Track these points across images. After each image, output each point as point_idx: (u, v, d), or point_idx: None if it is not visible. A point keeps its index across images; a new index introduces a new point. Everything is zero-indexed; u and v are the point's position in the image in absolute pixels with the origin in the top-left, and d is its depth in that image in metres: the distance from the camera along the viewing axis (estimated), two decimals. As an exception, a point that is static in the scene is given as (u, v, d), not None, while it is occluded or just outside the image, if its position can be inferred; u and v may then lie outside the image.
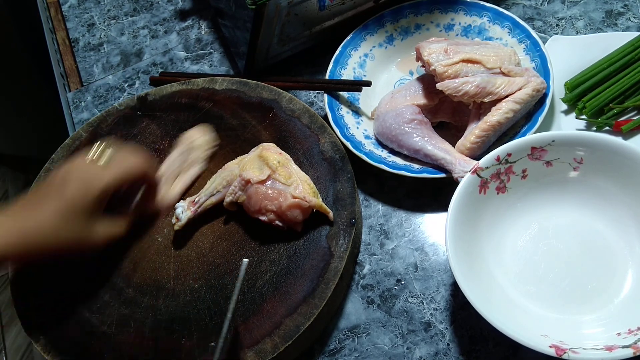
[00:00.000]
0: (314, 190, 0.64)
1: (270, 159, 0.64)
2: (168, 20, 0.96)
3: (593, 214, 0.62)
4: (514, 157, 0.62)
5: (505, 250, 0.62)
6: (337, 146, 0.70)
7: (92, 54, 0.94)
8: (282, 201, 0.62)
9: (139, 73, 0.90)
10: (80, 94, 0.90)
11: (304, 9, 0.75)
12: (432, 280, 0.66)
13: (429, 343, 0.62)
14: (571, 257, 0.61)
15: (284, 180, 0.63)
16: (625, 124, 0.68)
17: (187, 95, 0.79)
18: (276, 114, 0.74)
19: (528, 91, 0.66)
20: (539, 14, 0.83)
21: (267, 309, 0.61)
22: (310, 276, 0.62)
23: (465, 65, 0.67)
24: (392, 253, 0.68)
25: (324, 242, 0.64)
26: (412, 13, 0.80)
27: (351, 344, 0.63)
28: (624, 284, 0.59)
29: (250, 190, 0.63)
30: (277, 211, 0.62)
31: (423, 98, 0.71)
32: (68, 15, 1.00)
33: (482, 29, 0.77)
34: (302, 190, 0.63)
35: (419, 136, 0.68)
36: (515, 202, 0.63)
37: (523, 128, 0.68)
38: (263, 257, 0.65)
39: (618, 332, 0.53)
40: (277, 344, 0.59)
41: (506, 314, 0.55)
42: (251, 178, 0.63)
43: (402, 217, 0.70)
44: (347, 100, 0.76)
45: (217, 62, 0.89)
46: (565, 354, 0.51)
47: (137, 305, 0.64)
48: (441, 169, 0.67)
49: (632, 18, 0.80)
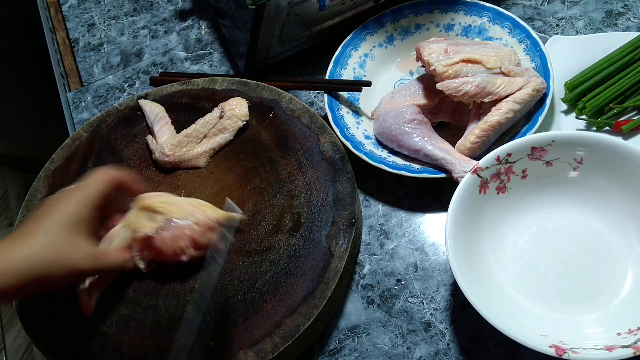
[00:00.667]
0: (209, 206, 0.63)
1: (155, 205, 0.62)
2: (168, 20, 0.96)
3: (593, 214, 0.62)
4: (514, 157, 0.62)
5: (505, 250, 0.62)
6: (337, 146, 0.70)
7: (92, 54, 0.94)
8: (192, 233, 0.61)
9: (139, 73, 0.90)
10: (80, 94, 0.90)
11: (304, 9, 0.75)
12: (432, 280, 0.66)
13: (429, 343, 0.62)
14: (571, 257, 0.61)
15: (179, 216, 0.61)
16: (625, 124, 0.68)
17: (187, 96, 0.79)
18: (276, 114, 0.74)
19: (528, 91, 0.66)
20: (539, 14, 0.83)
21: (267, 309, 0.61)
22: (310, 276, 0.62)
23: (465, 65, 0.67)
24: (392, 253, 0.68)
25: (324, 242, 0.64)
26: (412, 13, 0.80)
27: (351, 344, 0.63)
28: (624, 284, 0.59)
29: (156, 243, 0.61)
30: (193, 245, 0.61)
31: (423, 98, 0.71)
32: (68, 15, 1.00)
33: (482, 29, 0.77)
34: (202, 213, 0.62)
35: (419, 136, 0.68)
36: (515, 202, 0.63)
37: (523, 128, 0.68)
38: (263, 257, 0.65)
39: (618, 332, 0.54)
40: (277, 344, 0.59)
41: (506, 314, 0.55)
42: (149, 232, 0.61)
43: (402, 217, 0.70)
44: (347, 100, 0.76)
45: (217, 62, 0.89)
46: (565, 354, 0.51)
47: (137, 305, 0.64)
48: (441, 169, 0.67)
49: (632, 18, 0.80)
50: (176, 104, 0.78)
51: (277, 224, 0.66)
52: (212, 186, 0.71)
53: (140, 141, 0.77)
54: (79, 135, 0.78)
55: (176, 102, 0.79)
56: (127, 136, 0.77)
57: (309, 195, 0.67)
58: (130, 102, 0.80)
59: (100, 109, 0.88)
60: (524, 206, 0.64)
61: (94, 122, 0.79)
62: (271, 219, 0.67)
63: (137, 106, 0.79)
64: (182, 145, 0.73)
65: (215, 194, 0.71)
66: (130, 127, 0.78)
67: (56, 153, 0.77)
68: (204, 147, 0.73)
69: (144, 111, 0.77)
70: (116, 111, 0.79)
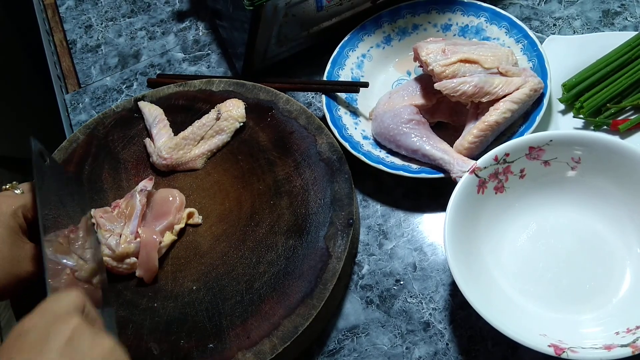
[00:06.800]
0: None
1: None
2: (165, 21, 0.96)
3: (591, 214, 0.62)
4: (512, 157, 0.62)
5: (503, 250, 0.62)
6: (334, 147, 0.70)
7: (90, 55, 0.94)
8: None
9: (136, 74, 0.90)
10: (78, 95, 0.90)
11: (301, 9, 0.75)
12: (431, 280, 0.66)
13: (428, 343, 0.62)
14: (570, 257, 0.61)
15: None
16: (622, 124, 0.68)
17: (184, 97, 0.79)
18: (273, 115, 0.74)
19: (526, 91, 0.66)
20: (536, 14, 0.83)
21: (266, 310, 0.61)
22: (308, 277, 0.62)
23: (463, 65, 0.67)
24: (391, 253, 0.68)
25: (322, 242, 0.64)
26: (410, 13, 0.80)
27: (350, 344, 0.63)
28: (622, 283, 0.59)
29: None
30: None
31: (421, 98, 0.71)
32: (65, 17, 1.00)
33: (479, 29, 0.77)
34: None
35: (417, 136, 0.68)
36: (514, 201, 0.63)
37: (521, 128, 0.68)
38: (261, 258, 0.65)
39: (617, 331, 0.53)
40: (276, 345, 0.59)
41: (505, 314, 0.55)
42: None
43: (401, 217, 0.70)
44: (345, 101, 0.76)
45: (214, 64, 0.89)
46: (564, 353, 0.51)
47: (135, 307, 0.64)
48: (439, 169, 0.67)
49: (629, 17, 0.80)
50: (173, 105, 0.78)
51: (275, 225, 0.66)
52: (209, 188, 0.71)
53: (137, 143, 0.76)
54: (76, 137, 0.78)
55: (173, 104, 0.78)
56: (124, 138, 0.77)
57: (306, 196, 0.67)
58: (127, 104, 0.80)
59: (98, 110, 0.87)
60: (522, 206, 0.64)
61: (90, 124, 0.79)
62: (269, 221, 0.67)
63: (134, 108, 0.79)
64: (180, 148, 0.72)
65: (213, 195, 0.71)
66: (127, 129, 0.78)
67: (53, 155, 0.77)
68: (201, 149, 0.73)
69: (142, 113, 0.77)
70: (113, 113, 0.79)
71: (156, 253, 0.65)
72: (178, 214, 0.67)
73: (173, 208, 0.67)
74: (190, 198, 0.71)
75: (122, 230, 0.65)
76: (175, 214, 0.67)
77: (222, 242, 0.67)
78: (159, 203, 0.68)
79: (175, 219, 0.67)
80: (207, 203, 0.70)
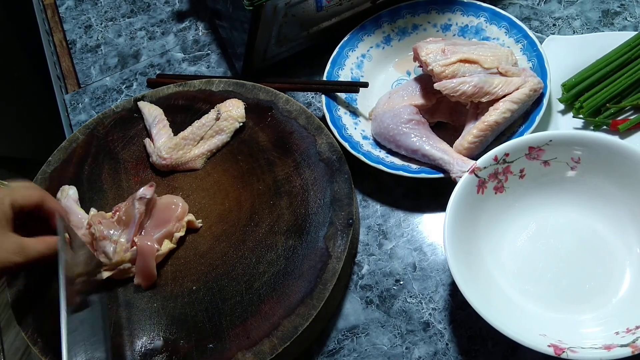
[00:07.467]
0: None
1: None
2: (165, 21, 0.96)
3: (591, 213, 0.62)
4: (512, 157, 0.62)
5: (503, 250, 0.62)
6: (334, 147, 0.70)
7: (90, 55, 0.94)
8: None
9: (136, 75, 0.90)
10: (77, 95, 0.90)
11: (301, 9, 0.75)
12: (431, 280, 0.66)
13: (428, 343, 0.62)
14: (569, 257, 0.61)
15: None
16: (622, 124, 0.68)
17: (184, 97, 0.79)
18: (273, 115, 0.74)
19: (525, 91, 0.66)
20: (535, 14, 0.83)
21: (265, 310, 0.61)
22: (308, 277, 0.62)
23: (463, 65, 0.67)
24: (391, 253, 0.68)
25: (322, 243, 0.64)
26: (410, 13, 0.80)
27: (350, 345, 0.63)
28: (622, 283, 0.59)
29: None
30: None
31: (421, 98, 0.71)
32: (65, 17, 1.00)
33: (479, 29, 0.77)
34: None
35: (416, 136, 0.68)
36: (513, 201, 0.63)
37: (520, 128, 0.68)
38: (261, 259, 0.65)
39: (616, 331, 0.53)
40: (276, 345, 0.59)
41: (505, 314, 0.55)
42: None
43: (401, 217, 0.70)
44: (345, 101, 0.76)
45: (214, 64, 0.89)
46: (564, 353, 0.51)
47: (135, 308, 0.64)
48: (439, 169, 0.67)
49: (628, 17, 0.80)
50: (173, 105, 0.78)
51: (275, 225, 0.66)
52: (209, 188, 0.71)
53: (137, 143, 0.76)
54: (76, 137, 0.78)
55: (173, 104, 0.78)
56: (124, 138, 0.77)
57: (306, 196, 0.67)
58: (126, 104, 0.80)
59: (98, 110, 0.87)
60: (521, 206, 0.64)
61: (90, 125, 0.79)
62: (269, 221, 0.67)
63: (133, 108, 0.79)
64: (179, 148, 0.72)
65: (213, 195, 0.71)
66: (127, 129, 0.78)
67: (53, 155, 0.77)
68: (201, 149, 0.73)
69: (142, 113, 0.77)
70: (113, 113, 0.79)
71: (154, 261, 0.64)
72: (178, 222, 0.67)
73: (174, 216, 0.66)
74: (190, 198, 0.71)
75: (119, 237, 0.65)
76: (175, 223, 0.66)
77: (221, 242, 0.67)
78: (161, 210, 0.67)
79: (175, 227, 0.66)
80: (207, 203, 0.70)
